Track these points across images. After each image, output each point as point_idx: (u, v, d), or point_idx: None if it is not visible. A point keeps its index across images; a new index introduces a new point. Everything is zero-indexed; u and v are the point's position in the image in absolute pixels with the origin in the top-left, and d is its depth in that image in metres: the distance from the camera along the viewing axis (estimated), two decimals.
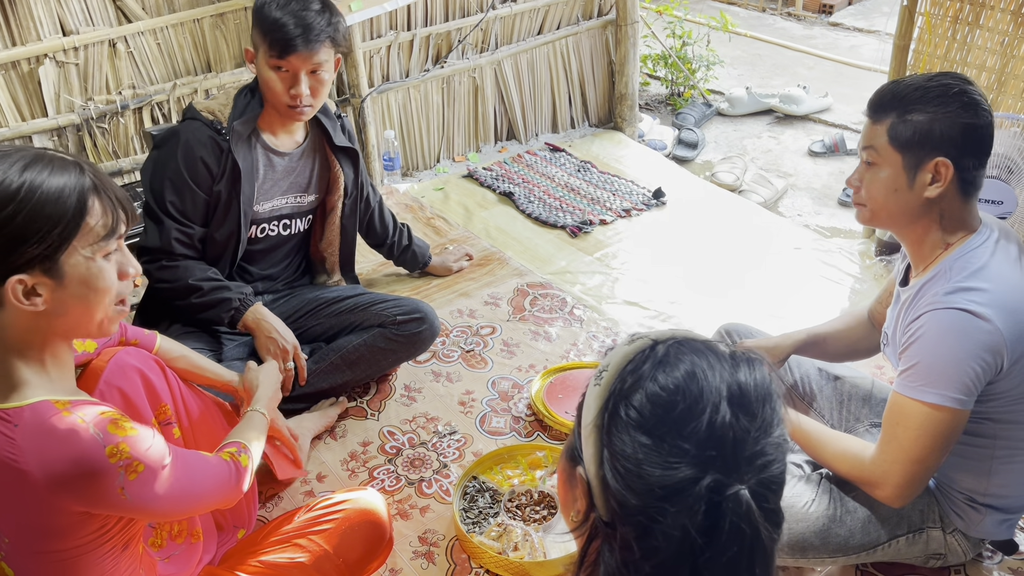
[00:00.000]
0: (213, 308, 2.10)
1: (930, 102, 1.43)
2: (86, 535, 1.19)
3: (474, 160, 3.71)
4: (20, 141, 2.69)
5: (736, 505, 0.76)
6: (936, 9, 2.70)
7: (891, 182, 1.48)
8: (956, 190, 1.46)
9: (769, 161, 3.85)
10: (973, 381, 1.40)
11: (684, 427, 0.77)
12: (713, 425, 0.77)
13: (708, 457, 0.76)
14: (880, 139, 1.48)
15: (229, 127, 2.07)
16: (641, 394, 0.80)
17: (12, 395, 1.14)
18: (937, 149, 1.43)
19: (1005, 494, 1.57)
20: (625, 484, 0.79)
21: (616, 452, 0.80)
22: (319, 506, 1.65)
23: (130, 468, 1.16)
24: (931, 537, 1.62)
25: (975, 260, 1.45)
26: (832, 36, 5.35)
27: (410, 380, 2.41)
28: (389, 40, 3.32)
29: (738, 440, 0.77)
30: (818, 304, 2.74)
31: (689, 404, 0.78)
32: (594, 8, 3.86)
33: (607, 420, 0.82)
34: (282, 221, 2.28)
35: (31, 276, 1.11)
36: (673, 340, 0.85)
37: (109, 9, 2.73)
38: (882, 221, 1.56)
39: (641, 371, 0.82)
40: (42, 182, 1.11)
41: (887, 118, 1.47)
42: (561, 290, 2.82)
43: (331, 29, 2.03)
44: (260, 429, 1.61)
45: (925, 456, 1.44)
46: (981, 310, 1.39)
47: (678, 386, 0.79)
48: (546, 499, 1.98)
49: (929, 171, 1.45)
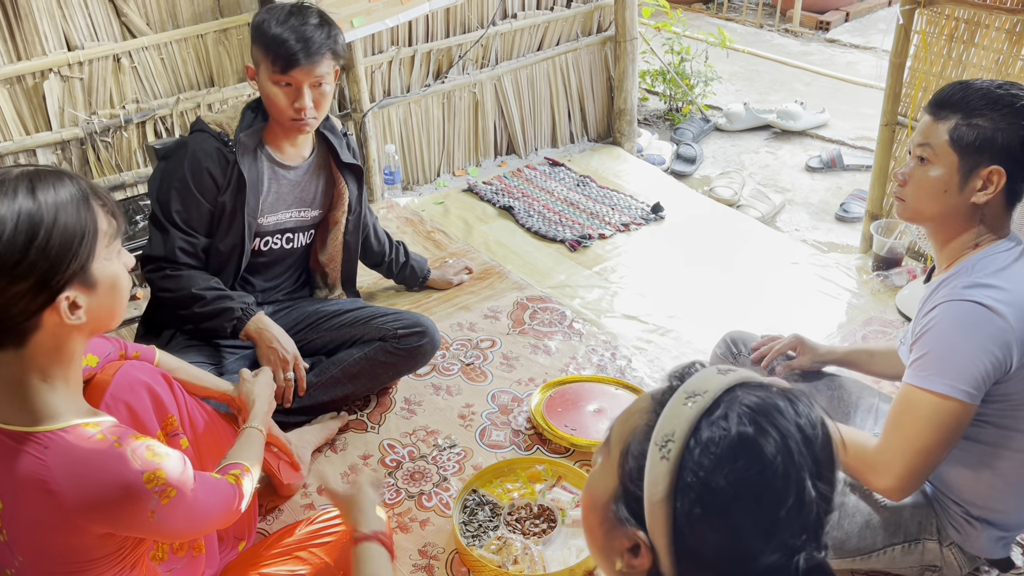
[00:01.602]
0: (216, 317, 2.10)
1: (997, 110, 1.44)
2: (101, 555, 1.21)
3: (474, 174, 3.74)
4: (24, 155, 2.71)
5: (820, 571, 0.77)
6: (931, 27, 2.74)
7: (942, 182, 1.49)
8: (1002, 199, 1.48)
9: (767, 176, 3.88)
10: (983, 375, 1.40)
11: (776, 512, 0.75)
12: (801, 505, 0.76)
13: (801, 541, 0.76)
14: (940, 138, 1.48)
15: (235, 139, 2.09)
16: (721, 476, 0.76)
17: (41, 419, 1.15)
18: (995, 157, 1.44)
19: (1001, 508, 1.58)
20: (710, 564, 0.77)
21: (697, 536, 0.77)
22: (320, 519, 1.65)
23: (164, 493, 1.17)
24: (927, 548, 1.62)
25: (998, 262, 1.47)
26: (829, 52, 5.39)
27: (410, 393, 2.43)
28: (390, 55, 3.34)
29: (821, 514, 0.77)
30: (815, 318, 2.76)
31: (779, 489, 0.75)
32: (593, 24, 3.90)
33: (681, 504, 0.77)
34: (285, 235, 2.30)
35: (72, 291, 1.14)
36: (740, 399, 0.79)
37: (114, 24, 2.76)
38: (922, 218, 1.56)
39: (717, 448, 0.77)
40: (56, 200, 1.13)
41: (951, 118, 1.47)
42: (560, 304, 2.84)
43: (331, 42, 2.06)
44: (259, 448, 1.61)
45: (928, 447, 1.43)
46: (997, 306, 1.40)
47: (764, 466, 0.76)
48: (545, 512, 1.99)
49: (982, 177, 1.46)
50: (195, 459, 1.63)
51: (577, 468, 2.10)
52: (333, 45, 2.07)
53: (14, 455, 1.13)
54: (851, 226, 3.44)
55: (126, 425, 1.43)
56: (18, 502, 1.14)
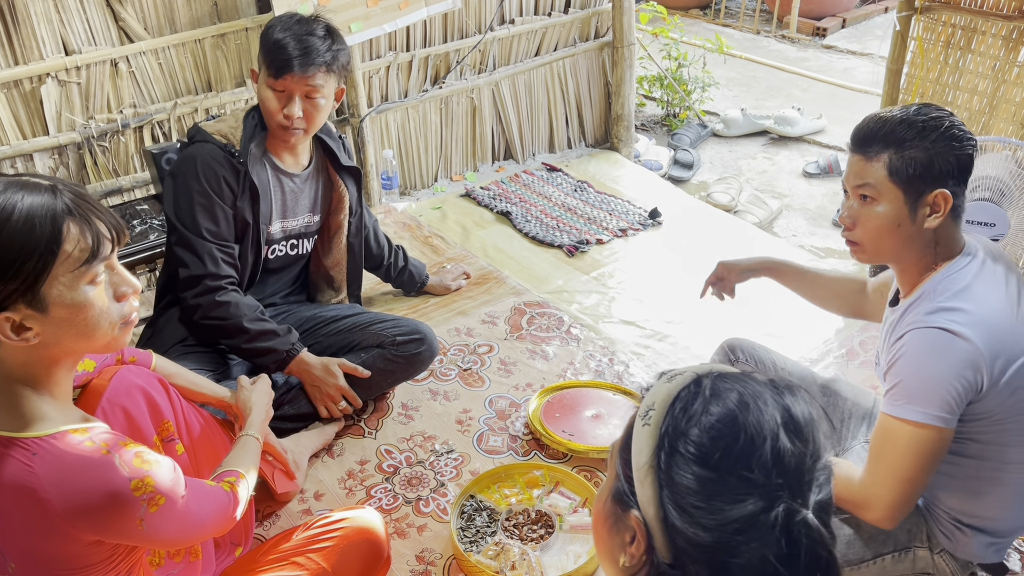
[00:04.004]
0: (260, 356, 2.12)
1: (926, 137, 1.45)
2: (93, 562, 1.20)
3: (472, 179, 3.74)
4: (21, 159, 2.71)
5: (808, 530, 0.76)
6: (928, 34, 2.75)
7: (894, 217, 1.50)
8: (950, 218, 1.49)
9: (764, 182, 3.89)
10: (955, 399, 1.42)
11: (749, 458, 0.77)
12: (777, 453, 0.77)
13: (776, 485, 0.76)
14: (878, 174, 1.49)
15: (244, 149, 2.08)
16: (698, 429, 0.79)
17: (28, 425, 1.13)
18: (937, 182, 1.46)
19: (992, 516, 1.57)
20: (694, 521, 0.78)
21: (679, 490, 0.78)
22: (317, 524, 1.65)
23: (152, 501, 1.16)
24: (918, 556, 1.62)
25: (958, 281, 1.48)
26: (826, 59, 5.40)
27: (408, 398, 2.42)
28: (388, 61, 3.35)
29: (799, 466, 0.78)
30: (813, 323, 2.76)
31: (751, 434, 0.78)
32: (591, 30, 3.91)
33: (664, 459, 0.80)
34: (289, 241, 2.30)
35: (16, 312, 1.08)
36: (714, 373, 0.84)
37: (111, 29, 2.76)
38: (883, 256, 1.57)
39: (693, 406, 0.81)
40: (9, 214, 1.07)
41: (882, 154, 1.48)
42: (558, 309, 2.84)
43: (329, 55, 2.04)
44: (254, 455, 1.61)
45: (913, 476, 1.45)
46: (960, 329, 1.41)
47: (735, 417, 0.79)
48: (543, 518, 1.99)
49: (928, 203, 1.47)
50: (191, 465, 1.63)
51: (575, 474, 2.10)
52: (331, 59, 2.05)
53: (1, 460, 1.12)
54: None
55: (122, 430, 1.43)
56: (7, 509, 1.14)
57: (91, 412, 1.41)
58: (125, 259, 2.62)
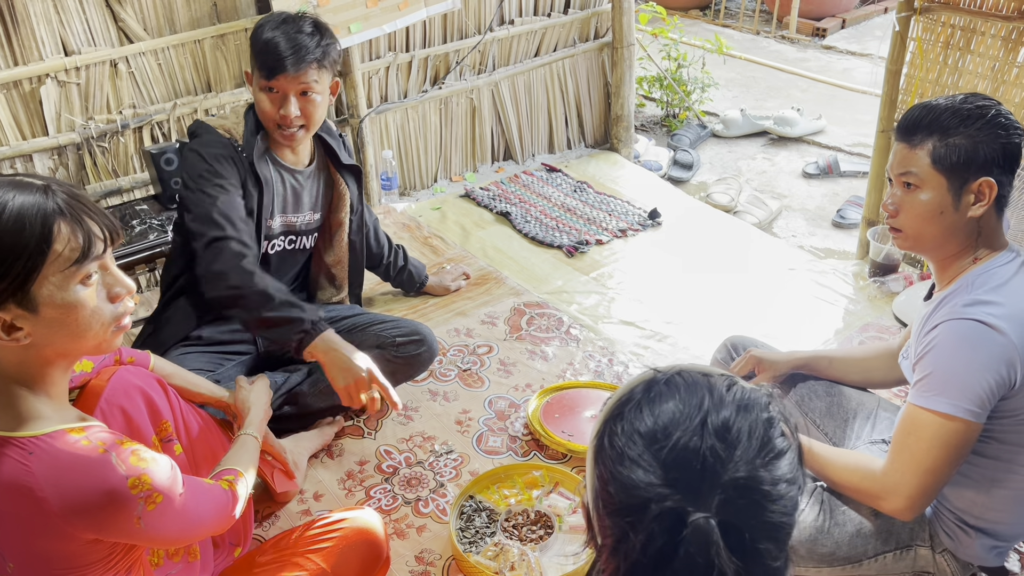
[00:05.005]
0: (282, 327, 1.91)
1: (972, 125, 1.45)
2: (92, 561, 1.20)
3: (471, 180, 3.74)
4: (21, 159, 2.71)
5: (696, 535, 0.74)
6: (928, 35, 2.75)
7: (936, 205, 1.49)
8: (994, 208, 1.49)
9: (763, 182, 3.89)
10: (987, 393, 1.41)
11: (655, 449, 0.79)
12: (684, 448, 0.78)
13: (671, 479, 0.76)
14: (922, 162, 1.48)
15: (247, 142, 2.08)
16: (625, 423, 0.82)
17: (24, 424, 1.14)
18: (981, 170, 1.46)
19: (998, 520, 1.57)
20: (603, 505, 0.82)
21: (598, 476, 0.83)
22: (316, 525, 1.65)
23: (150, 499, 1.16)
24: (919, 555, 1.62)
25: (998, 276, 1.48)
26: (825, 59, 5.41)
27: (407, 399, 2.42)
28: (388, 61, 3.35)
29: (707, 467, 0.76)
30: (812, 325, 2.76)
31: (666, 430, 0.79)
32: (590, 31, 3.91)
33: (595, 447, 0.85)
34: (288, 237, 2.29)
35: (6, 312, 1.08)
36: (673, 372, 0.86)
37: (111, 29, 2.76)
38: (925, 244, 1.55)
39: (630, 404, 0.84)
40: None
41: (926, 142, 1.48)
42: (557, 309, 2.84)
43: (319, 51, 2.03)
44: (253, 454, 1.61)
45: (937, 467, 1.44)
46: (998, 323, 1.40)
47: (659, 414, 0.81)
48: (543, 519, 1.98)
49: (973, 191, 1.47)
50: (189, 465, 1.63)
51: (574, 474, 2.10)
52: (322, 55, 2.04)
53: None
54: (848, 232, 3.44)
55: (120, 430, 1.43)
56: (4, 508, 1.14)
57: (90, 412, 1.41)
58: (125, 259, 2.63)
